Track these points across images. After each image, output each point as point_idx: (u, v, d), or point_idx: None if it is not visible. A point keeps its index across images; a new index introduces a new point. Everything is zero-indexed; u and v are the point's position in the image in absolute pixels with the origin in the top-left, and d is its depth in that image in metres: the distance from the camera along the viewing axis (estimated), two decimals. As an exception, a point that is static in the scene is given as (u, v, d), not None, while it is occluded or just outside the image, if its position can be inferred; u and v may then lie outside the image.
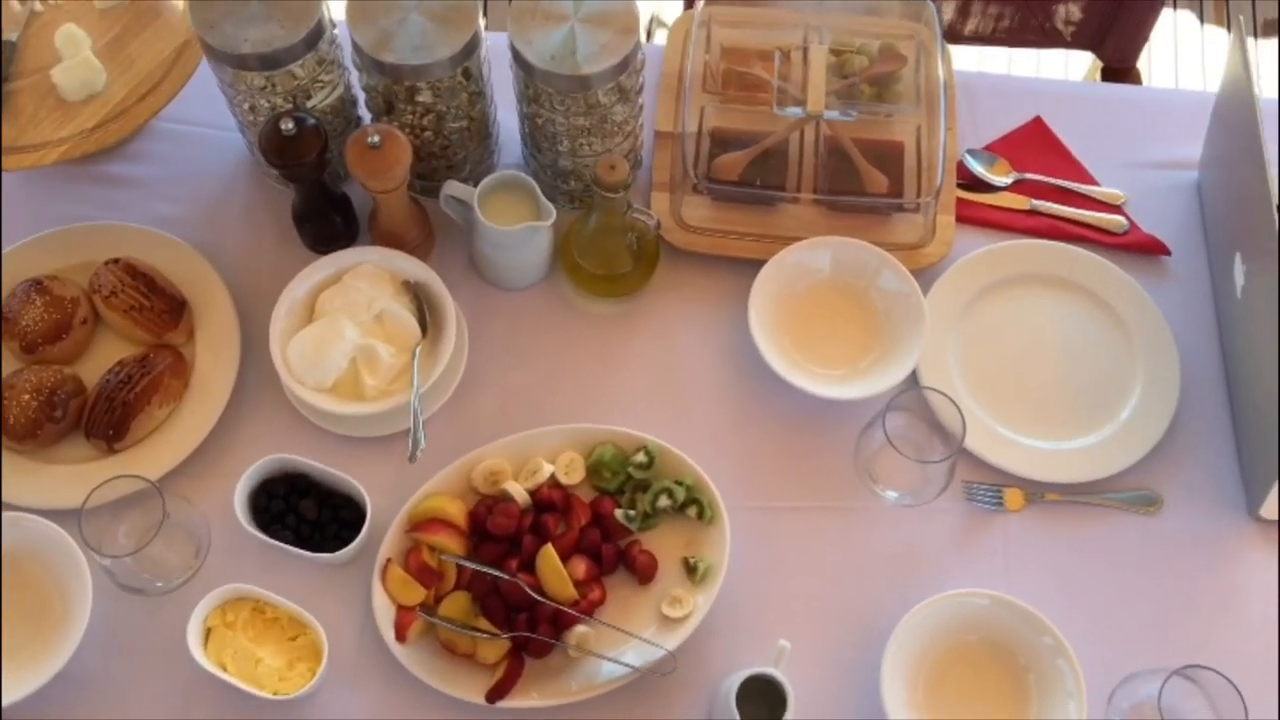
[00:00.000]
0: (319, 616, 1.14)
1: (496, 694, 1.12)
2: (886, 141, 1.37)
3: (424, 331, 1.24)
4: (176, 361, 1.24)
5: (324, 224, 1.32)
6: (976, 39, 1.87)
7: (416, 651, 1.14)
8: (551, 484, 1.21)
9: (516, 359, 1.30)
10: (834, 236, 1.30)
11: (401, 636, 1.13)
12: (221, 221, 1.36)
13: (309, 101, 1.25)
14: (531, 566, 1.16)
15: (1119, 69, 1.89)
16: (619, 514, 1.19)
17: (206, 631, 1.13)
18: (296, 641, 1.14)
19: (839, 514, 1.24)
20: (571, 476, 1.21)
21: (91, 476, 1.14)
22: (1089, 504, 1.24)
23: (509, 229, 1.24)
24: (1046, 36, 1.86)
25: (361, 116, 1.35)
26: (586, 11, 1.19)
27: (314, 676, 1.11)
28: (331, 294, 1.25)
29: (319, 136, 1.21)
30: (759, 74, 1.39)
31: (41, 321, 1.23)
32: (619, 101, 1.24)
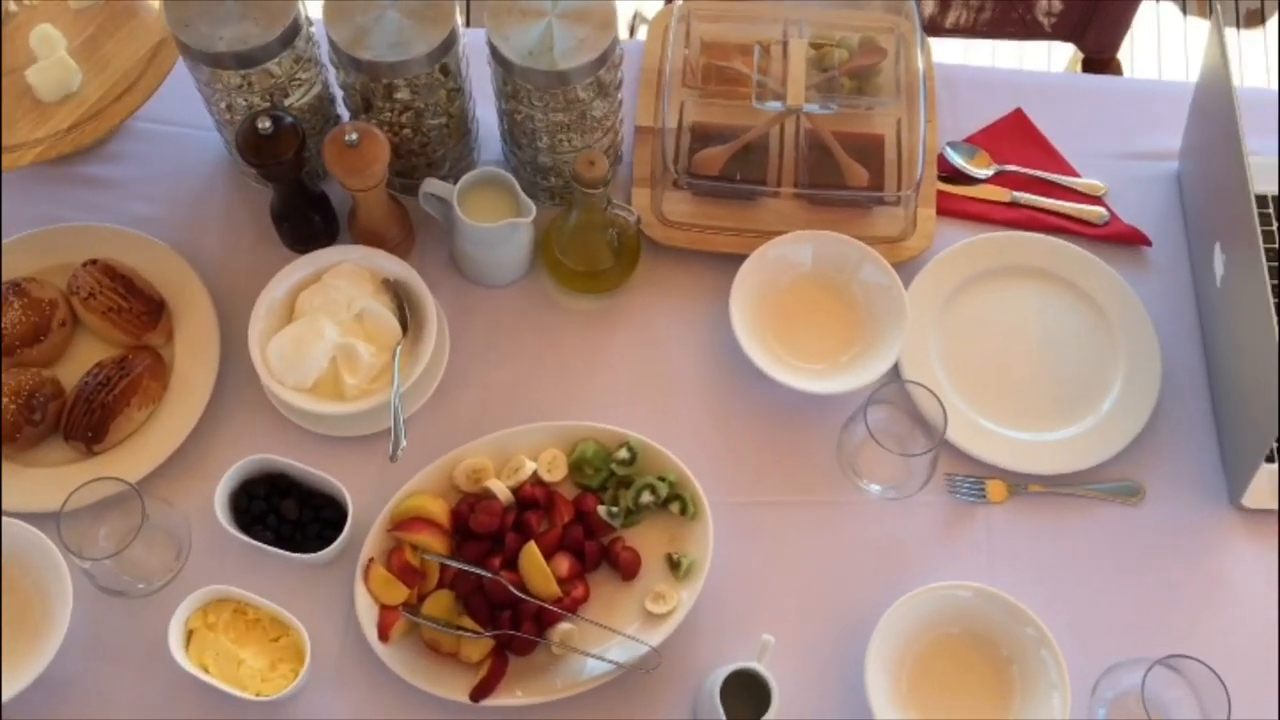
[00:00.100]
0: (301, 617, 1.13)
1: (481, 692, 1.12)
2: (867, 135, 1.37)
3: (405, 330, 1.24)
4: (155, 363, 1.24)
5: (303, 223, 1.31)
6: (957, 32, 1.87)
7: (400, 651, 1.14)
8: (534, 481, 1.21)
9: (498, 356, 1.30)
10: (815, 230, 1.29)
11: (384, 636, 1.13)
12: (200, 221, 1.36)
13: (287, 100, 1.25)
14: (514, 564, 1.16)
15: (1100, 60, 1.90)
16: (602, 511, 1.19)
17: (188, 633, 1.13)
18: (279, 642, 1.14)
19: (822, 508, 1.24)
20: (554, 474, 1.21)
21: (71, 479, 1.14)
22: (1071, 495, 1.24)
23: (489, 226, 1.24)
24: (1027, 28, 1.86)
25: (340, 114, 1.34)
26: (564, 7, 1.19)
27: (296, 677, 1.10)
28: (311, 293, 1.24)
29: (296, 135, 1.20)
30: (739, 68, 1.38)
31: (20, 324, 1.23)
32: (598, 97, 1.23)
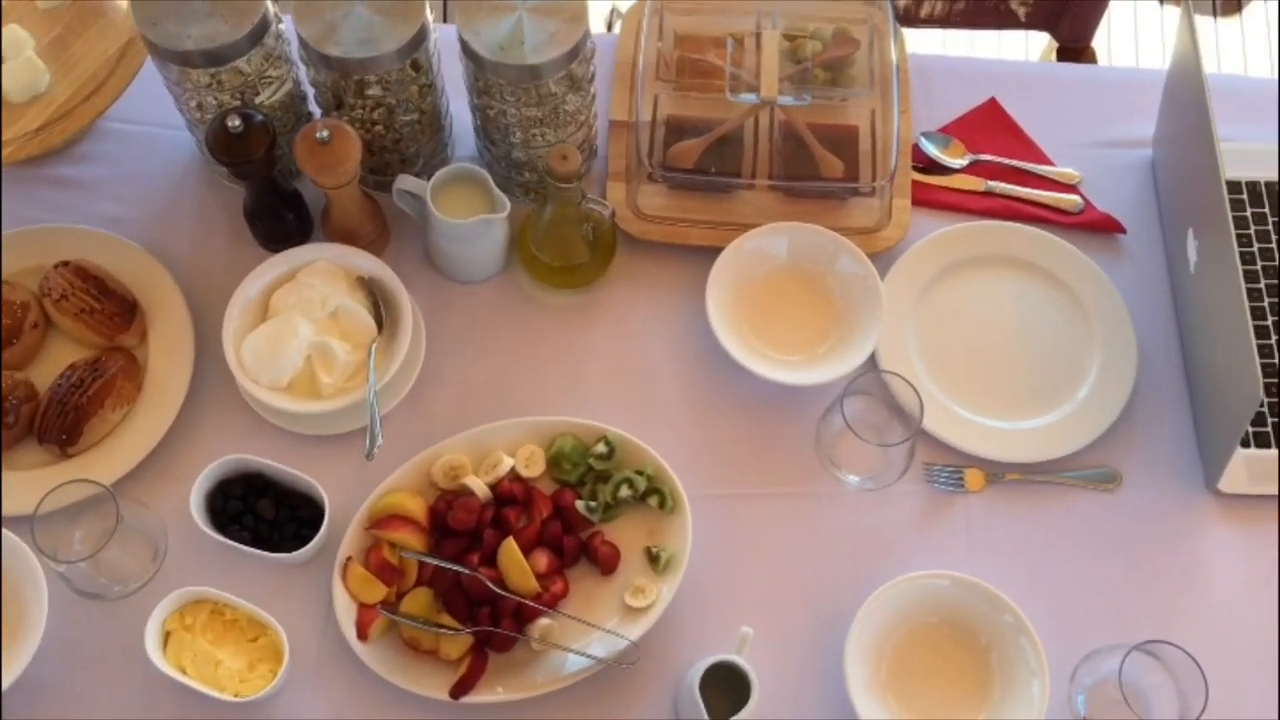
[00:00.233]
0: (279, 617, 1.13)
1: (460, 689, 1.12)
2: (841, 126, 1.37)
3: (380, 327, 1.23)
4: (129, 364, 1.23)
5: (276, 221, 1.31)
6: (932, 22, 1.88)
7: (379, 650, 1.13)
8: (512, 477, 1.20)
9: (474, 352, 1.30)
10: (790, 222, 1.29)
11: (363, 635, 1.13)
12: (172, 221, 1.35)
13: (257, 98, 1.24)
14: (493, 561, 1.16)
15: (1074, 49, 1.90)
16: (580, 505, 1.19)
17: (165, 635, 1.12)
18: (257, 643, 1.13)
19: (800, 499, 1.24)
20: (532, 469, 1.21)
21: (45, 482, 1.13)
22: (1049, 483, 1.25)
23: (463, 222, 1.24)
24: (1001, 18, 1.87)
25: (312, 112, 1.34)
26: (534, 2, 1.18)
27: (275, 677, 1.10)
28: (285, 292, 1.24)
29: (267, 133, 1.19)
30: (712, 61, 1.38)
31: (-9, 327, 1.22)
32: (570, 91, 1.23)
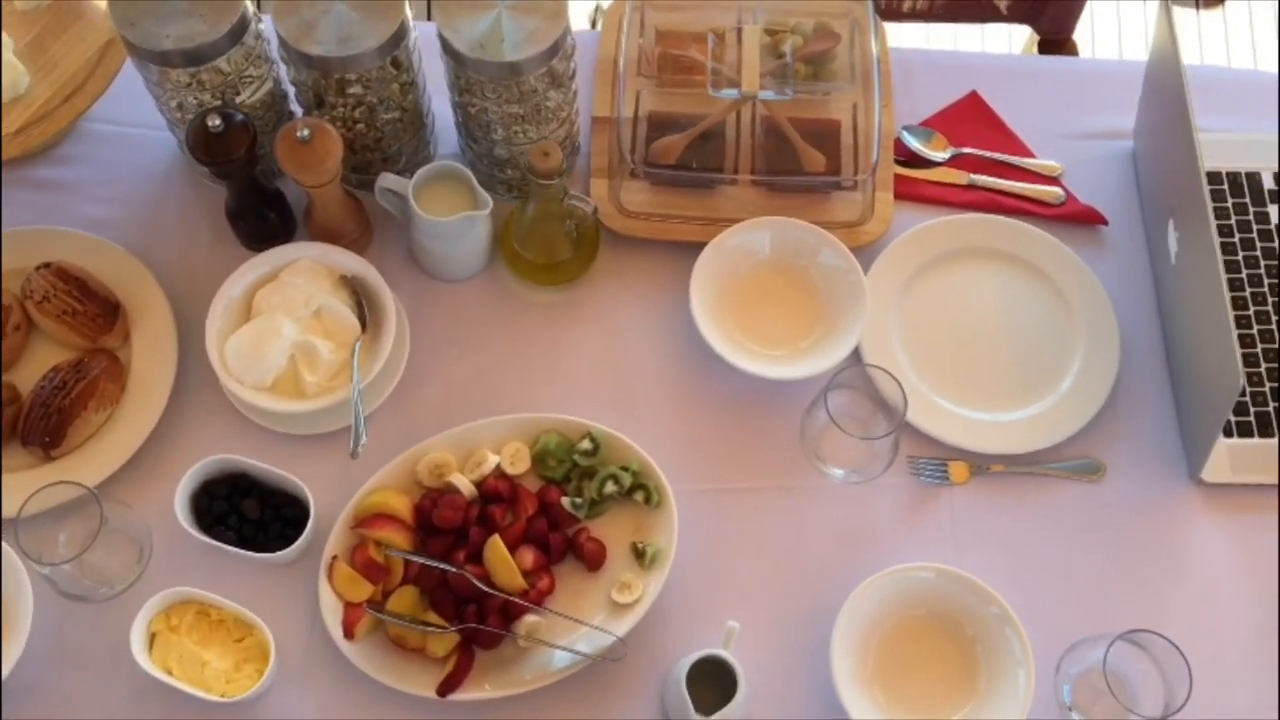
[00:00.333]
0: (265, 617, 1.13)
1: (448, 687, 1.12)
2: (823, 120, 1.37)
3: (364, 326, 1.23)
4: (112, 365, 1.23)
5: (259, 221, 1.30)
6: (914, 16, 1.88)
7: (365, 648, 1.13)
8: (497, 475, 1.20)
9: (459, 351, 1.29)
10: (773, 217, 1.30)
11: (350, 634, 1.13)
12: (154, 222, 1.34)
13: (238, 97, 1.24)
14: (479, 558, 1.16)
15: (1056, 41, 1.91)
16: (566, 502, 1.19)
17: (151, 636, 1.12)
18: (243, 643, 1.13)
19: (786, 493, 1.24)
20: (517, 466, 1.21)
21: (29, 484, 1.13)
22: (1033, 474, 1.25)
23: (445, 220, 1.23)
24: (983, 11, 1.87)
25: (294, 111, 1.33)
26: (514, -2, 1.18)
27: (262, 677, 1.10)
28: (269, 291, 1.23)
29: (248, 132, 1.19)
30: (694, 56, 1.38)
31: (-28, 330, 1.22)
32: (551, 87, 1.23)
